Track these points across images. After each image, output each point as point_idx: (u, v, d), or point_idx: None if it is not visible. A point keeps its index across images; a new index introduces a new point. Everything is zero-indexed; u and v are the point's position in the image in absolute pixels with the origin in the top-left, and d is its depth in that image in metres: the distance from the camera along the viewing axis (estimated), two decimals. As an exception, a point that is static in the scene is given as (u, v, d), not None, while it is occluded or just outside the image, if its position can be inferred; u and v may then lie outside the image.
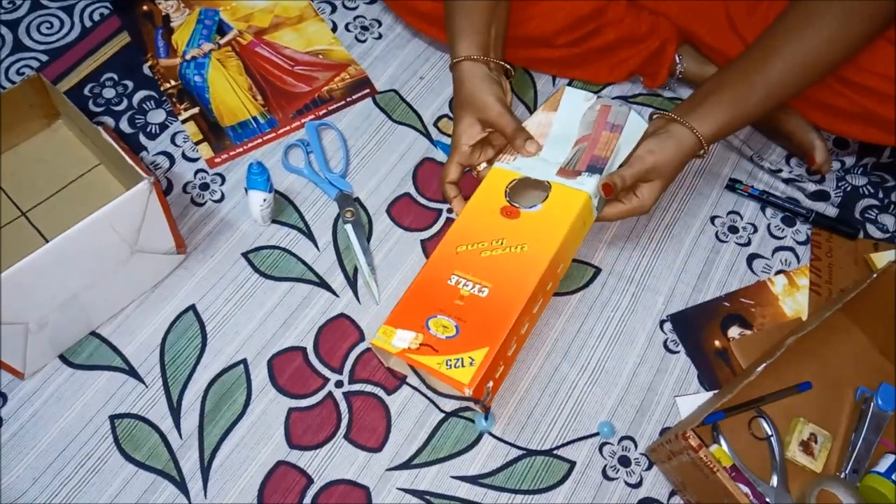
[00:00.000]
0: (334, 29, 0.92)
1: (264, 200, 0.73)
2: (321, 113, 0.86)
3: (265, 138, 0.84)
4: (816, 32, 0.66)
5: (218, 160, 0.82)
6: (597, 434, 0.69)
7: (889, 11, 0.65)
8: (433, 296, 0.63)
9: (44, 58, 0.86)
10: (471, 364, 0.58)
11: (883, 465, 0.64)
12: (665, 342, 0.74)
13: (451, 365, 0.58)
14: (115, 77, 0.86)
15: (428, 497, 0.65)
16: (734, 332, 0.75)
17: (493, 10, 0.72)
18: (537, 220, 0.66)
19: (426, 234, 0.79)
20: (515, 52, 0.83)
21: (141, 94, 0.85)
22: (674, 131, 0.69)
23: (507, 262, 0.63)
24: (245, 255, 0.76)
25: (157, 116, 0.84)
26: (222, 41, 0.90)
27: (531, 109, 0.88)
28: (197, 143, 0.82)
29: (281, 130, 0.84)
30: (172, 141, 0.82)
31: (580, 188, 0.66)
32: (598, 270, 0.78)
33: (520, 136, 0.68)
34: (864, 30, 0.66)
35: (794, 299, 0.77)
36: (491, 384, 0.61)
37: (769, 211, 0.83)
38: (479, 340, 0.59)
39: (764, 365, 0.62)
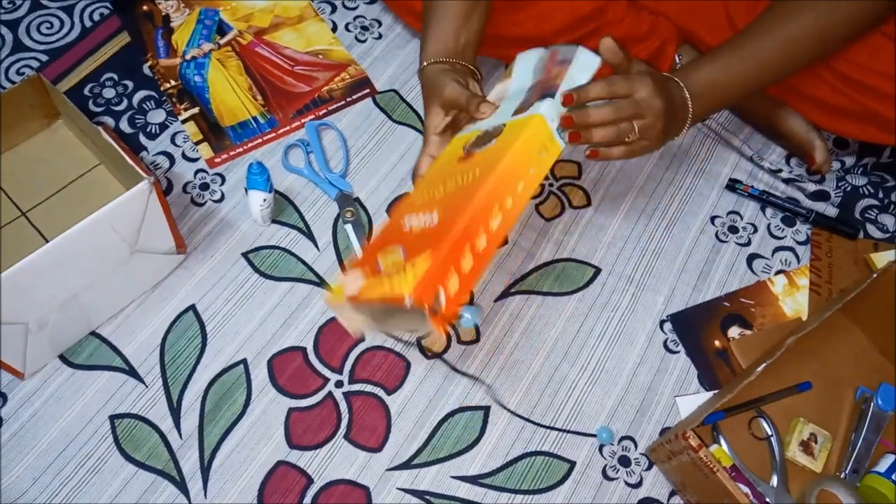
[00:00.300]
0: (334, 29, 0.92)
1: (264, 200, 0.73)
2: (321, 113, 0.86)
3: (265, 138, 0.84)
4: (801, 19, 0.66)
5: (218, 160, 0.82)
6: (601, 442, 0.69)
7: (871, 11, 0.66)
8: (385, 240, 0.58)
9: (44, 58, 0.86)
10: (411, 270, 0.51)
11: (883, 465, 0.64)
12: (665, 342, 0.74)
13: (397, 284, 0.51)
14: (115, 77, 0.86)
15: (428, 497, 0.65)
16: (734, 332, 0.75)
17: (465, 18, 0.71)
18: (488, 153, 0.58)
19: (426, 234, 0.79)
20: (514, 52, 0.83)
21: (141, 94, 0.85)
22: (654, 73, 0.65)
23: (456, 191, 0.57)
24: (245, 255, 0.76)
25: (157, 116, 0.84)
26: (222, 41, 0.90)
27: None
28: (197, 143, 0.82)
29: (281, 130, 0.84)
30: (172, 141, 0.82)
31: (531, 113, 0.59)
32: (598, 270, 0.78)
33: (473, 101, 0.64)
34: (847, 24, 0.67)
35: (794, 299, 0.77)
36: (442, 291, 0.52)
37: (769, 211, 0.83)
38: (422, 252, 0.52)
39: (764, 365, 0.62)
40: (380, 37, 0.92)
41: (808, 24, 0.66)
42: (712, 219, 0.82)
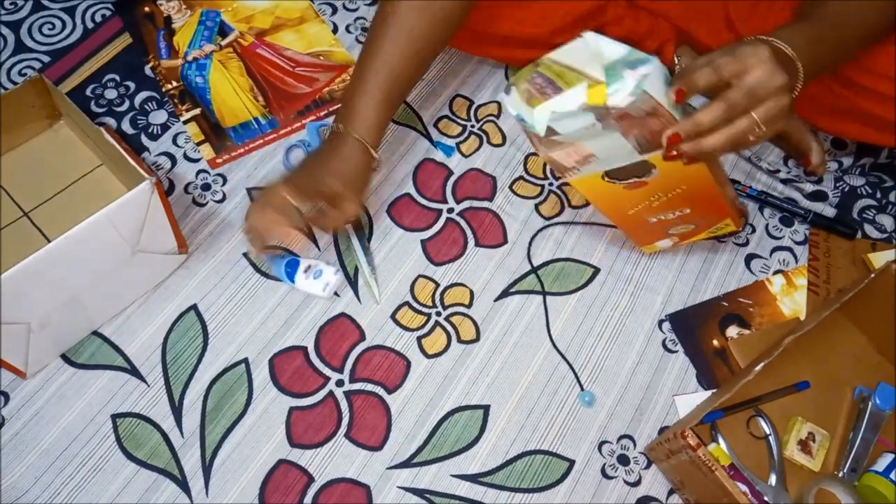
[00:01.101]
0: (335, 30, 0.93)
1: (327, 285, 0.72)
2: (322, 114, 0.86)
3: (266, 139, 0.84)
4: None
5: (219, 161, 0.82)
6: (600, 440, 0.69)
7: None
8: (649, 227, 0.72)
9: (46, 59, 0.87)
10: (727, 226, 0.71)
11: (881, 464, 0.64)
12: (664, 342, 0.75)
13: (717, 230, 0.72)
14: (117, 78, 0.86)
15: (428, 496, 0.66)
16: (732, 331, 0.75)
17: (406, 89, 0.70)
18: (666, 177, 0.62)
19: (426, 234, 0.79)
20: (513, 53, 0.84)
21: (143, 94, 0.85)
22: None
23: (678, 197, 0.66)
24: (246, 254, 0.76)
25: (158, 117, 0.84)
26: (224, 42, 0.90)
27: (531, 110, 0.88)
28: (198, 144, 0.83)
29: (282, 131, 0.85)
30: (174, 141, 0.83)
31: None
32: (596, 270, 0.78)
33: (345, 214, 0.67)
34: None
35: (792, 299, 0.77)
36: (734, 196, 0.69)
37: (767, 211, 0.83)
38: (717, 218, 0.70)
39: (762, 364, 0.62)
40: (380, 38, 0.92)
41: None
42: (711, 219, 0.82)
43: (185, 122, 0.84)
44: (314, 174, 0.68)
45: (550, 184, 0.83)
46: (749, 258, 0.80)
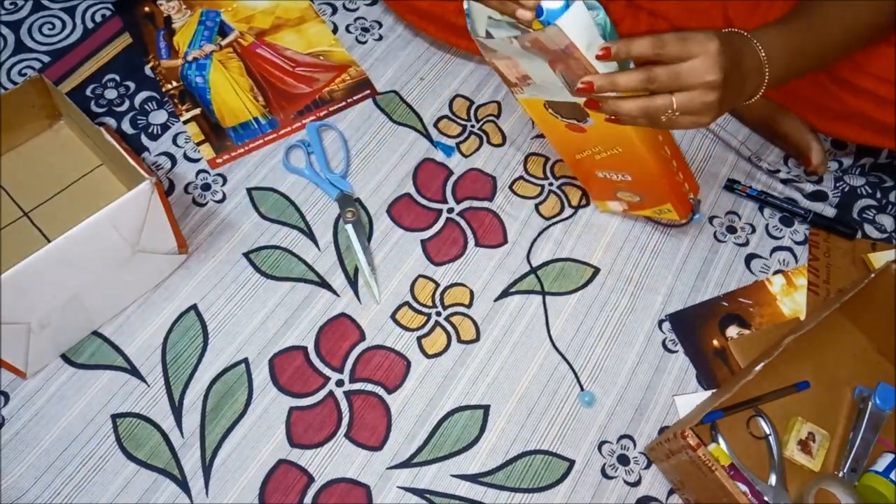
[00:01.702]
0: (335, 30, 0.93)
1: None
2: (322, 114, 0.86)
3: (266, 139, 0.84)
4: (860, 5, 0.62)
5: (219, 161, 0.82)
6: (600, 440, 0.69)
7: None
8: (599, 181, 0.76)
9: (46, 59, 0.87)
10: (669, 211, 0.74)
11: (881, 464, 0.64)
12: (664, 342, 0.75)
13: (660, 212, 0.75)
14: (117, 78, 0.86)
15: (428, 495, 0.66)
16: (732, 331, 0.75)
17: None
18: (600, 131, 0.65)
19: (426, 234, 0.79)
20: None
21: (143, 94, 0.85)
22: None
23: (616, 158, 0.69)
24: (246, 255, 0.76)
25: (158, 117, 0.84)
26: (224, 42, 0.90)
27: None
28: (198, 144, 0.83)
29: (282, 131, 0.85)
30: (174, 141, 0.83)
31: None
32: (596, 270, 0.78)
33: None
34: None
35: (792, 299, 0.77)
36: (687, 190, 0.73)
37: (767, 211, 0.83)
38: (659, 199, 0.73)
39: (762, 364, 0.62)
40: (380, 38, 0.92)
41: (866, 9, 0.62)
42: (710, 219, 0.82)
43: (185, 122, 0.84)
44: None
45: (550, 184, 0.83)
46: (749, 258, 0.80)
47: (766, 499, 0.64)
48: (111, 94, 0.85)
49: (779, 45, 0.59)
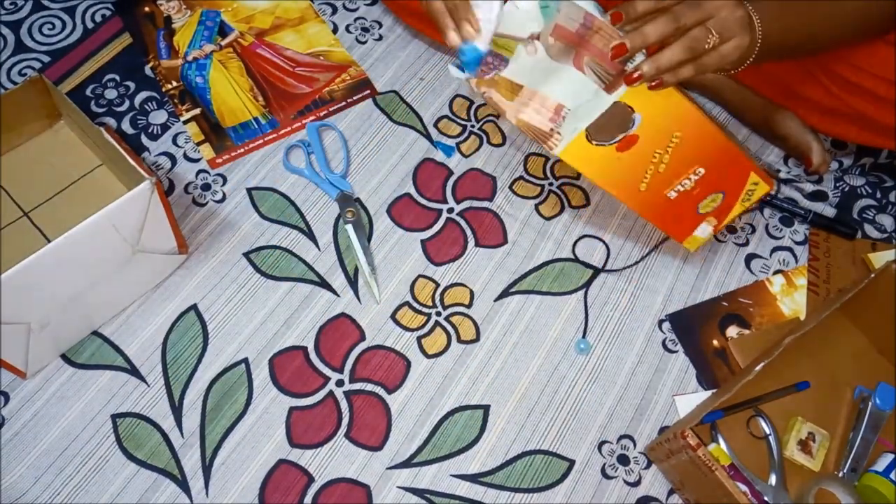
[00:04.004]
0: (335, 30, 0.93)
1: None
2: (322, 114, 0.86)
3: (266, 139, 0.84)
4: None
5: (219, 161, 0.82)
6: (600, 440, 0.69)
7: None
8: (675, 208, 0.67)
9: (46, 59, 0.87)
10: (756, 185, 0.67)
11: (881, 464, 0.65)
12: (664, 341, 0.75)
13: (750, 195, 0.68)
14: (117, 78, 0.86)
15: (428, 495, 0.66)
16: (732, 331, 0.75)
17: None
18: (652, 123, 0.61)
19: (426, 234, 0.79)
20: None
21: (143, 94, 0.85)
22: None
23: (680, 151, 0.63)
24: (246, 255, 0.76)
25: (158, 117, 0.84)
26: (224, 42, 0.90)
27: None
28: (198, 144, 0.83)
29: (282, 131, 0.85)
30: (174, 141, 0.83)
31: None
32: (597, 270, 0.78)
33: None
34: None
35: (792, 299, 0.77)
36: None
37: (767, 211, 0.83)
38: (742, 175, 0.66)
39: (762, 364, 0.62)
40: (380, 38, 0.92)
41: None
42: (711, 219, 0.82)
43: (185, 122, 0.84)
44: None
45: (550, 184, 0.83)
46: (749, 258, 0.80)
47: (766, 499, 0.64)
48: (111, 94, 0.85)
49: (773, 17, 0.58)
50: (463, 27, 0.58)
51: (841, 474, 0.66)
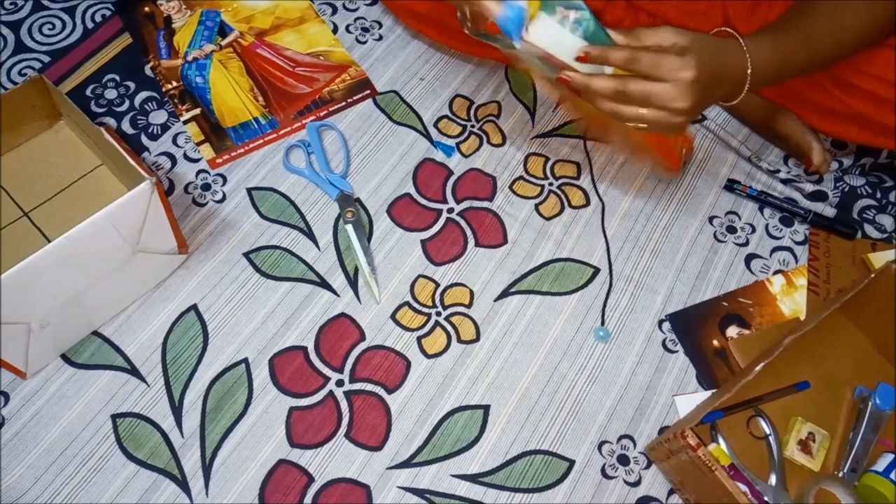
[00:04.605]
0: (335, 30, 0.93)
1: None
2: (322, 114, 0.86)
3: (266, 139, 0.84)
4: (854, 10, 0.63)
5: (219, 161, 0.82)
6: (600, 440, 0.69)
7: None
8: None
9: (46, 59, 0.87)
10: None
11: (881, 464, 0.64)
12: (664, 341, 0.75)
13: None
14: (117, 78, 0.86)
15: (428, 495, 0.66)
16: (732, 331, 0.75)
17: None
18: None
19: (426, 234, 0.79)
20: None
21: (143, 95, 0.85)
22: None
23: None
24: (246, 255, 0.76)
25: (158, 117, 0.84)
26: (224, 42, 0.90)
27: (531, 110, 0.88)
28: (198, 144, 0.83)
29: (282, 131, 0.85)
30: (174, 142, 0.83)
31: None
32: (596, 270, 0.78)
33: None
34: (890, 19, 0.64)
35: (792, 299, 0.77)
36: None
37: (767, 211, 0.83)
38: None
39: (762, 364, 0.62)
40: (380, 38, 0.93)
41: (860, 14, 0.63)
42: (710, 219, 0.82)
43: (185, 122, 0.84)
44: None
45: (550, 184, 0.83)
46: (749, 258, 0.80)
47: (766, 499, 0.64)
48: (111, 94, 0.85)
49: (767, 55, 0.60)
50: None
51: (841, 474, 0.66)
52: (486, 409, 0.70)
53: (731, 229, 0.82)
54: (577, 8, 0.56)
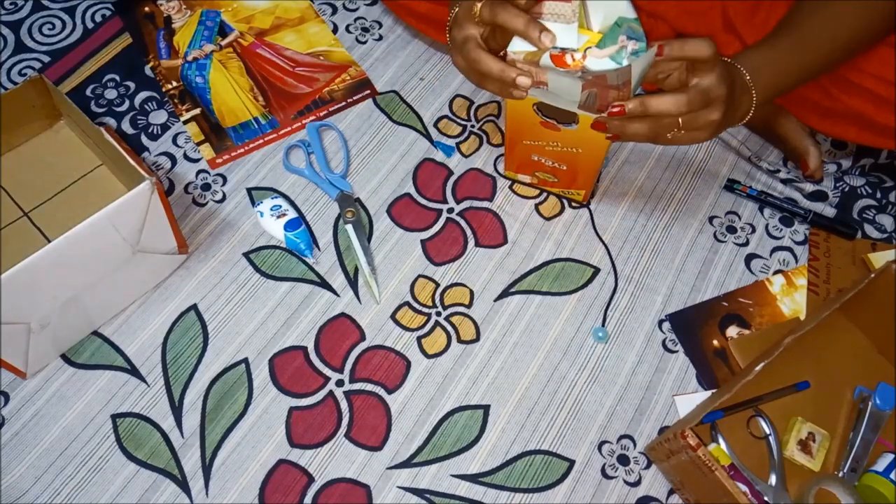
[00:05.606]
0: (335, 30, 0.93)
1: None
2: (322, 114, 0.86)
3: (266, 139, 0.84)
4: (847, 16, 0.66)
5: (219, 161, 0.82)
6: (600, 440, 0.69)
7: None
8: (525, 162, 0.78)
9: (46, 59, 0.87)
10: (577, 195, 0.80)
11: (881, 464, 0.64)
12: (664, 341, 0.75)
13: (568, 193, 0.81)
14: (117, 78, 0.86)
15: (428, 495, 0.66)
16: (732, 331, 0.75)
17: None
18: (575, 134, 0.68)
19: (426, 234, 0.79)
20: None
21: (143, 94, 0.85)
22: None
23: (565, 154, 0.73)
24: (246, 255, 0.76)
25: (158, 117, 0.84)
26: (224, 42, 0.90)
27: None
28: (198, 144, 0.83)
29: (282, 131, 0.85)
30: (174, 141, 0.83)
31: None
32: (596, 270, 0.78)
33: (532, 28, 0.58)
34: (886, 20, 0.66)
35: (792, 299, 0.77)
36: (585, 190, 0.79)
37: (767, 211, 0.83)
38: (577, 186, 0.79)
39: (762, 364, 0.62)
40: (380, 38, 0.93)
41: (855, 17, 0.65)
42: (710, 219, 0.82)
43: (185, 122, 0.84)
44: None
45: (550, 184, 0.83)
46: (749, 258, 0.80)
47: (766, 499, 0.64)
48: (111, 94, 0.85)
49: (763, 68, 0.64)
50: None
51: (841, 474, 0.66)
52: (486, 409, 0.70)
53: (731, 229, 0.82)
54: (638, 39, 0.58)
